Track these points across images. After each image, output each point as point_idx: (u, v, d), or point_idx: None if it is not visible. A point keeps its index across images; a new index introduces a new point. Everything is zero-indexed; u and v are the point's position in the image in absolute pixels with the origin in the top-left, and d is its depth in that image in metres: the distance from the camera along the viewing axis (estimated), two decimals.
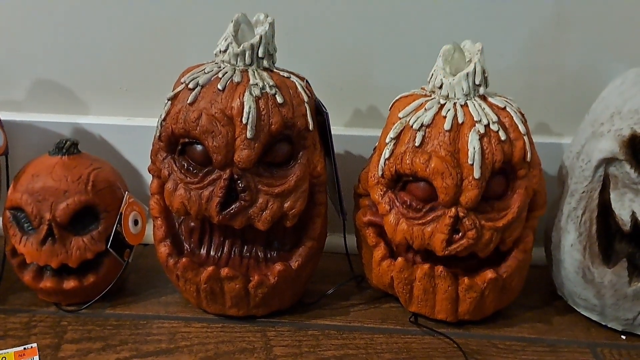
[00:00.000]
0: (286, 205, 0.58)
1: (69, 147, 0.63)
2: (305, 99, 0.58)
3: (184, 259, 0.59)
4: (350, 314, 0.65)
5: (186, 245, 0.62)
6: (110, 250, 0.62)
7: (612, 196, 0.58)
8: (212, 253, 0.62)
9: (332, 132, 0.72)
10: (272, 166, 0.58)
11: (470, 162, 0.56)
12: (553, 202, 0.65)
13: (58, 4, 0.72)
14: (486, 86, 0.60)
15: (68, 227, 0.61)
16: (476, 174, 0.56)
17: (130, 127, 0.75)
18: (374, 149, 0.64)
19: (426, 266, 0.60)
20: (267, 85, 0.57)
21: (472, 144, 0.57)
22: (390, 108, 0.63)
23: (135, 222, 0.64)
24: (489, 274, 0.60)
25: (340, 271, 0.72)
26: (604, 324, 0.62)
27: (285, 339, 0.61)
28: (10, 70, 0.75)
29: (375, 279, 0.64)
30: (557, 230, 0.63)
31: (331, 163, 0.64)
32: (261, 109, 0.56)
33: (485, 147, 0.57)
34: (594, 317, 0.63)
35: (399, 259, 0.61)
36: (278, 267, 0.60)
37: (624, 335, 0.62)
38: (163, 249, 0.60)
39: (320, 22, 0.71)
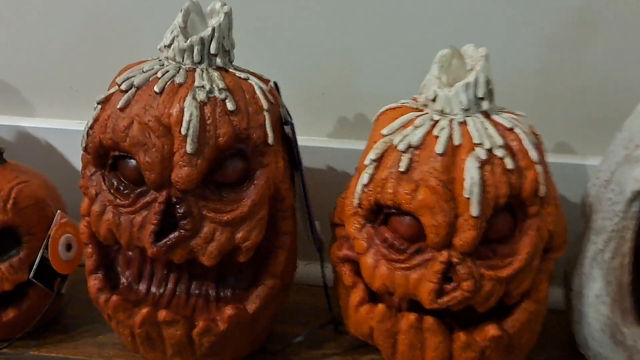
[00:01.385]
0: (238, 236, 0.47)
1: None
2: (265, 105, 0.47)
3: (114, 297, 0.49)
4: None
5: (122, 279, 0.52)
6: (35, 280, 0.52)
7: None
8: (152, 289, 0.52)
9: (312, 144, 0.61)
10: (221, 187, 0.48)
11: (467, 195, 0.45)
12: (575, 236, 0.53)
13: None
14: (491, 100, 0.48)
15: None
16: (474, 210, 0.45)
17: (80, 132, 0.65)
18: (356, 169, 0.53)
19: (412, 316, 0.49)
20: (215, 89, 0.46)
21: (470, 172, 0.45)
22: (375, 122, 0.52)
23: (68, 247, 0.54)
24: (492, 329, 0.49)
25: (316, 309, 0.61)
26: None
27: None
28: None
29: (353, 327, 0.53)
30: (578, 275, 0.52)
31: (300, 182, 0.53)
32: (206, 118, 0.45)
33: (486, 178, 0.45)
34: None
35: (380, 305, 0.50)
36: (229, 311, 0.49)
37: None
38: (93, 283, 0.50)
39: (299, 17, 0.60)
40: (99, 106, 0.48)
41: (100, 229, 0.48)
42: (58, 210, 0.54)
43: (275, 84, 0.52)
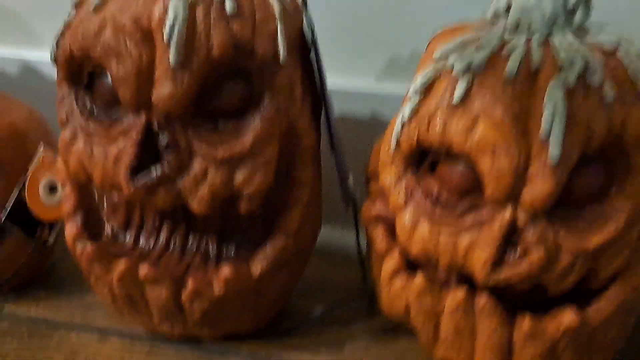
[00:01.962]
0: (238, 178, 0.37)
1: None
2: (278, 11, 0.37)
3: (89, 247, 0.40)
4: (344, 350, 0.43)
5: (107, 227, 0.43)
6: (9, 224, 0.44)
7: None
8: (141, 241, 0.42)
9: (359, 87, 0.49)
10: (217, 117, 0.37)
11: (544, 133, 0.33)
12: None
13: None
14: (587, 12, 0.35)
15: None
16: (554, 154, 0.33)
17: None
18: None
19: (461, 292, 0.38)
20: None
21: (552, 100, 0.33)
22: (427, 46, 0.40)
23: (52, 190, 0.46)
24: (568, 316, 0.37)
25: (349, 282, 0.50)
26: None
27: None
28: None
29: (386, 304, 0.42)
30: None
31: (327, 123, 0.42)
32: (197, 21, 0.35)
33: (574, 111, 0.33)
34: None
35: (419, 276, 0.39)
36: (226, 272, 0.39)
37: None
38: (70, 229, 0.41)
39: None
40: (74, 10, 0.38)
41: (70, 160, 0.39)
42: (41, 143, 0.46)
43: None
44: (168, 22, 0.35)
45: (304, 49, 0.41)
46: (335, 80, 0.47)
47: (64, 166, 0.40)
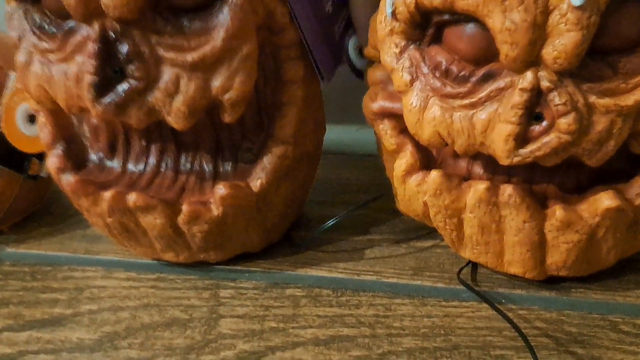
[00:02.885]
0: (215, 85, 0.33)
1: None
2: None
3: (72, 178, 0.37)
4: (362, 260, 0.40)
5: (91, 154, 0.39)
6: None
7: None
8: (129, 166, 0.39)
9: None
10: (180, 14, 0.33)
11: None
12: None
13: None
14: None
15: None
16: None
17: None
18: None
19: (482, 185, 0.33)
20: None
21: None
22: None
23: (31, 119, 0.42)
24: (607, 199, 0.32)
25: (367, 184, 0.47)
26: None
27: (246, 301, 0.38)
28: None
29: (403, 205, 0.38)
30: None
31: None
32: None
33: None
34: None
35: (434, 172, 0.34)
36: (222, 191, 0.36)
37: None
38: (52, 161, 0.38)
39: None
40: None
41: (30, 86, 0.35)
42: (12, 72, 0.42)
43: None
44: None
45: None
46: None
47: (26, 92, 0.36)
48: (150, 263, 0.41)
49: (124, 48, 0.32)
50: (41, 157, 0.44)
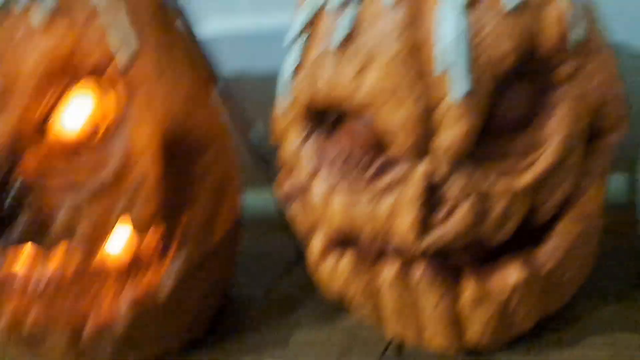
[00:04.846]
0: (116, 211, 0.32)
1: None
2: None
3: None
4: (287, 348, 0.39)
5: None
6: None
7: None
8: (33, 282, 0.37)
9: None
10: (70, 146, 0.32)
11: (443, 65, 0.27)
12: None
13: None
14: None
15: None
16: (460, 88, 0.28)
17: None
18: None
19: (394, 267, 0.33)
20: None
21: (446, 28, 0.27)
22: None
23: None
24: (514, 273, 0.32)
25: (287, 252, 0.46)
26: None
27: None
28: None
29: (321, 283, 0.38)
30: None
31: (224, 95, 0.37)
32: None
33: (475, 30, 0.27)
34: None
35: (348, 254, 0.34)
36: (126, 303, 0.35)
37: None
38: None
39: None
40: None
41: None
42: None
43: None
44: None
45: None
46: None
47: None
48: None
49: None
50: None
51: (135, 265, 0.37)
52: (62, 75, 0.31)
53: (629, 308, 0.37)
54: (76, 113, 0.32)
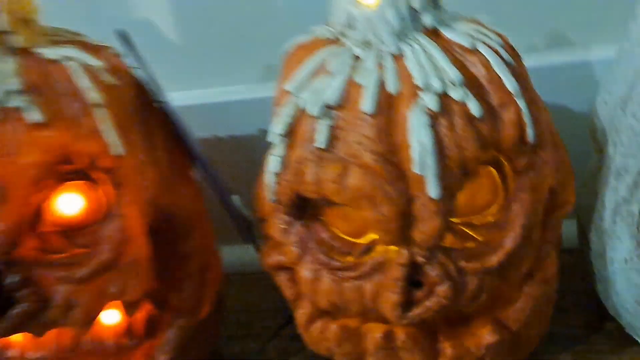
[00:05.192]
0: (111, 291, 0.34)
1: None
2: (98, 97, 0.32)
3: None
4: None
5: None
6: None
7: None
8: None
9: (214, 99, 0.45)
10: (67, 230, 0.34)
11: (417, 170, 0.30)
12: (588, 168, 0.39)
13: None
14: (435, 7, 0.32)
15: None
16: (432, 190, 0.31)
17: None
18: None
19: (378, 334, 0.37)
20: (9, 94, 0.31)
21: (417, 135, 0.31)
22: (282, 67, 0.36)
23: None
24: (488, 336, 0.36)
25: (270, 308, 0.49)
26: None
27: None
28: None
29: (310, 345, 0.40)
30: (597, 231, 0.38)
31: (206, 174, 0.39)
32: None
33: (442, 138, 0.31)
34: None
35: (333, 326, 0.37)
36: None
37: None
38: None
39: None
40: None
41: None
42: None
43: (123, 34, 0.37)
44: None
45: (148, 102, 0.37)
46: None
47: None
48: None
49: (12, 280, 0.33)
50: None
51: (127, 341, 0.40)
52: (58, 168, 0.32)
53: (586, 351, 0.41)
54: (70, 203, 0.34)
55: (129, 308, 0.37)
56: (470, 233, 0.34)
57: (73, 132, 0.32)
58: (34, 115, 0.32)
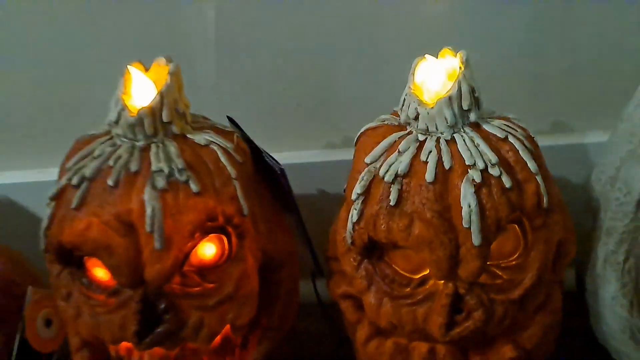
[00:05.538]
0: (229, 317, 0.46)
1: None
2: (233, 173, 0.45)
3: None
4: None
5: (113, 351, 0.49)
6: None
7: None
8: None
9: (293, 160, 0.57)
10: (202, 270, 0.45)
11: (466, 225, 0.42)
12: (586, 232, 0.51)
13: None
14: (478, 108, 0.45)
15: None
16: (476, 240, 0.42)
17: (41, 183, 0.61)
18: (344, 190, 0.50)
19: (424, 349, 0.48)
20: (175, 170, 0.43)
21: (467, 199, 0.42)
22: (356, 144, 0.49)
23: (48, 323, 0.52)
24: (508, 352, 0.47)
25: (322, 333, 0.59)
26: None
27: None
28: None
29: None
30: (592, 276, 0.50)
31: (297, 223, 0.50)
32: (170, 207, 0.42)
33: (484, 202, 0.43)
34: None
35: (389, 341, 0.48)
36: None
37: None
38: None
39: (265, 29, 0.56)
40: (53, 203, 0.44)
41: (81, 331, 0.45)
42: (29, 287, 0.52)
43: (231, 119, 0.48)
44: (147, 215, 0.42)
45: (260, 164, 0.49)
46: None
47: (76, 333, 0.46)
48: None
49: (161, 304, 0.44)
50: (50, 356, 0.53)
51: (222, 351, 0.50)
52: (205, 225, 0.44)
53: None
54: (206, 250, 0.45)
55: (238, 331, 0.48)
56: (499, 273, 0.45)
57: (218, 199, 0.44)
58: (192, 187, 0.43)
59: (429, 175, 0.43)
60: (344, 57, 0.58)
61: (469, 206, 0.43)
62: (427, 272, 0.46)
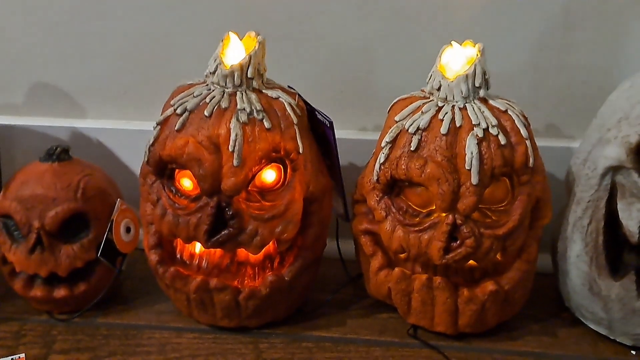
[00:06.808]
0: (277, 230, 0.58)
1: (59, 153, 0.63)
2: (295, 120, 0.58)
3: (172, 269, 0.59)
4: (347, 325, 0.64)
5: (178, 254, 0.62)
6: (101, 258, 0.62)
7: (619, 206, 0.57)
8: (204, 263, 0.61)
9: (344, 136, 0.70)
10: (262, 191, 0.58)
11: (467, 167, 0.55)
12: (562, 209, 0.63)
13: (57, 7, 0.72)
14: (487, 88, 0.59)
15: (57, 236, 0.61)
16: (474, 179, 0.55)
17: (127, 131, 0.75)
18: (373, 153, 0.63)
19: (424, 277, 0.59)
20: (254, 110, 0.57)
21: (470, 148, 0.55)
22: (389, 111, 0.62)
23: (128, 230, 0.64)
24: (490, 285, 0.59)
25: (339, 278, 0.71)
26: (612, 338, 0.60)
27: (277, 351, 0.60)
28: (8, 74, 0.76)
29: (373, 289, 0.63)
30: (562, 239, 0.62)
31: (336, 173, 0.63)
32: (248, 136, 0.55)
33: (483, 152, 0.55)
34: (602, 331, 0.61)
35: (397, 269, 0.60)
36: (270, 278, 0.59)
37: (634, 350, 0.60)
38: (153, 257, 0.60)
39: (319, 24, 0.70)
40: (158, 127, 0.58)
41: (163, 228, 0.58)
42: (118, 199, 0.64)
43: (292, 88, 0.62)
44: (231, 139, 0.55)
45: (316, 124, 0.62)
46: None
47: (158, 231, 0.59)
48: (206, 328, 0.63)
49: (229, 211, 0.56)
50: (124, 256, 0.65)
51: (263, 265, 0.62)
52: (270, 155, 0.57)
53: (550, 325, 0.64)
54: (268, 175, 0.58)
55: (283, 245, 0.59)
56: (489, 214, 0.58)
57: (282, 136, 0.57)
58: (265, 124, 0.57)
59: (443, 129, 0.57)
60: (380, 58, 0.72)
61: (472, 153, 0.56)
62: (433, 207, 0.58)
